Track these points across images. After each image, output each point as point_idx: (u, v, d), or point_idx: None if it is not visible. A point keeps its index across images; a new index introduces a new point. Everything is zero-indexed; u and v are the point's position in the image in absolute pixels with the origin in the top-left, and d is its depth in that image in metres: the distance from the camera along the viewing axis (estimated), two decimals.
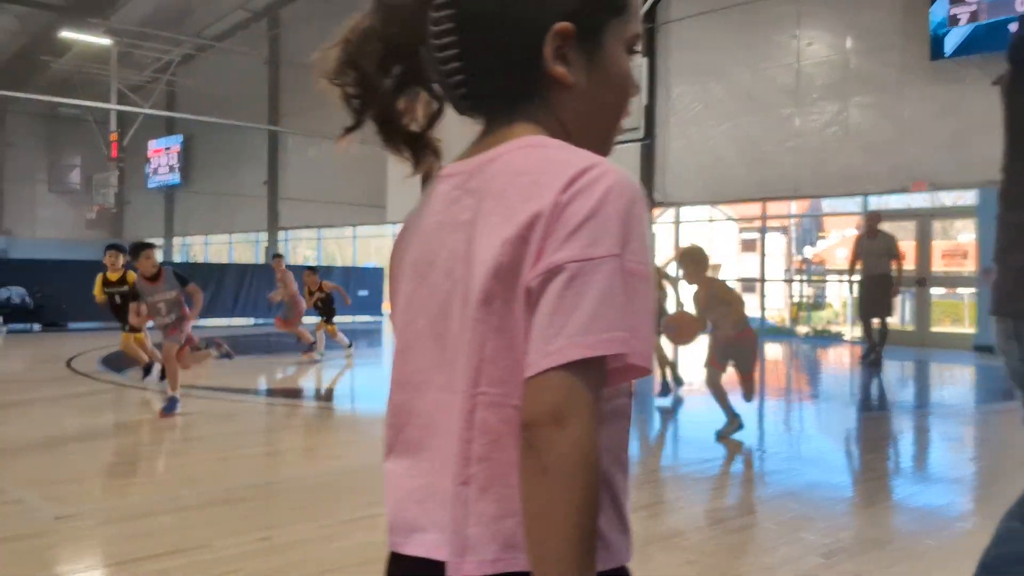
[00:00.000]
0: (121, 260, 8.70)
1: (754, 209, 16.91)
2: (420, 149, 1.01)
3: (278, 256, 12.63)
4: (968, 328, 14.51)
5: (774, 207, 17.07)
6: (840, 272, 16.36)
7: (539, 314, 0.82)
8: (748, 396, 6.08)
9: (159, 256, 8.25)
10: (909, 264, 13.36)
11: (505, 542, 0.85)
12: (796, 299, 18.26)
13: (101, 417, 7.18)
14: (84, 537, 3.78)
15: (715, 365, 5.96)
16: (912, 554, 3.59)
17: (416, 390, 0.97)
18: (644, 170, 16.74)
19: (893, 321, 11.61)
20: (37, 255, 8.54)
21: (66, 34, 23.04)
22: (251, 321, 18.17)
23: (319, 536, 3.71)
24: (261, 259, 27.40)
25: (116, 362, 10.59)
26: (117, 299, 8.74)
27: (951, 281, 14.83)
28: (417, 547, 0.93)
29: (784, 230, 19.67)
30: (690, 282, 6.04)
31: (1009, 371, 2.08)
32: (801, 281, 19.18)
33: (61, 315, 15.09)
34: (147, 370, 8.84)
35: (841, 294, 17.86)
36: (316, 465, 5.33)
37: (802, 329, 16.98)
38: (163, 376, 8.19)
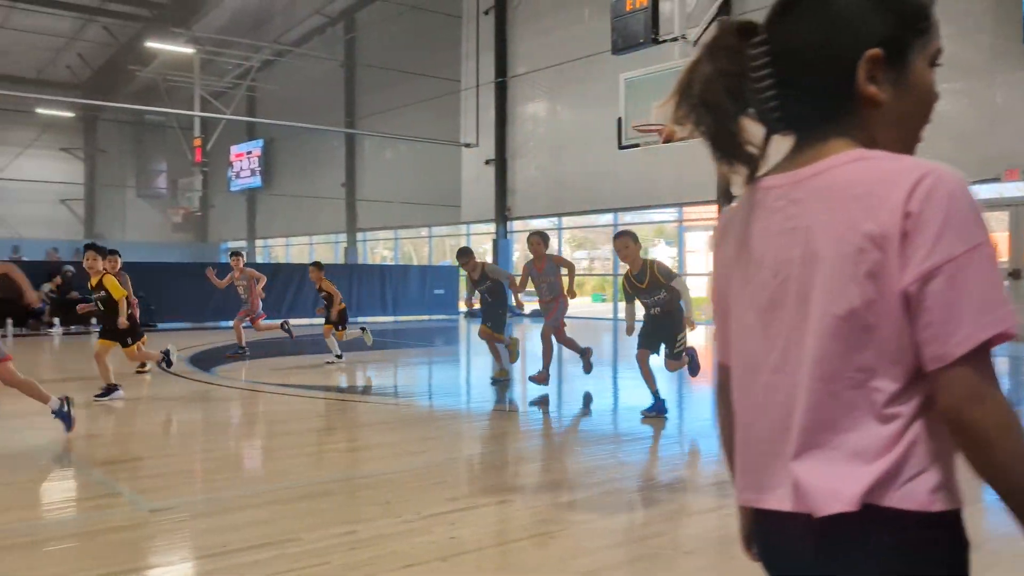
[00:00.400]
0: (100, 263, 7.75)
1: None
2: (754, 165, 1.13)
3: (236, 254, 12.14)
4: None
5: None
6: None
7: (929, 312, 0.96)
8: None
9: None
10: (1002, 256, 12.85)
11: (864, 492, 1.00)
12: None
13: (192, 414, 7.43)
14: (178, 529, 3.92)
15: None
16: (1008, 556, 3.46)
17: (751, 373, 1.14)
18: None
19: None
20: (127, 258, 8.80)
21: (151, 44, 23.87)
22: None
23: (402, 530, 3.78)
24: (341, 260, 27.93)
25: (205, 361, 10.94)
26: (99, 306, 7.85)
27: None
28: (775, 502, 1.08)
29: None
30: None
31: None
32: None
33: (151, 315, 15.62)
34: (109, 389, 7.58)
35: None
36: (397, 461, 5.41)
37: None
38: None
